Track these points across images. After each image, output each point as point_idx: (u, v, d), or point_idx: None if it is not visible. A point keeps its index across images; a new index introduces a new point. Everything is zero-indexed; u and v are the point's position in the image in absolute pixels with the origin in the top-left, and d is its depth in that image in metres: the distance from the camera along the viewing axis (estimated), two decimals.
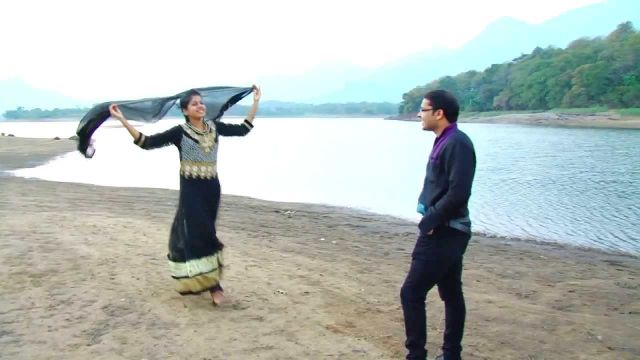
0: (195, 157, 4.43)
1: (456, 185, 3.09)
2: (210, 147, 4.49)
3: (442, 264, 3.32)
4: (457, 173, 3.10)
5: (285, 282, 5.45)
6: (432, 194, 3.25)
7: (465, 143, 3.18)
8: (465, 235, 3.30)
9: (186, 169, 4.43)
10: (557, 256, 7.87)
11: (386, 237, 9.11)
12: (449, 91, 3.49)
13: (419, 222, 3.33)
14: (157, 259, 6.14)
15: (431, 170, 3.32)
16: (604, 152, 29.25)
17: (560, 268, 6.95)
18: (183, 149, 4.43)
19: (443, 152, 3.19)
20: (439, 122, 3.32)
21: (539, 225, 10.79)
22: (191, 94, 4.47)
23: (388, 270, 6.38)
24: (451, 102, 3.35)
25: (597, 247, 8.87)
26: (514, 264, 7.18)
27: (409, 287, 3.36)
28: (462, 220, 3.24)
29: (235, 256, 6.58)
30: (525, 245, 8.79)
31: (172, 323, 4.10)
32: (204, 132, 4.50)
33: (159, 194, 14.33)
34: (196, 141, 4.43)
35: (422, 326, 3.38)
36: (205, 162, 4.46)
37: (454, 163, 3.11)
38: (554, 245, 8.87)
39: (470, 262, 7.06)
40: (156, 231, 8.12)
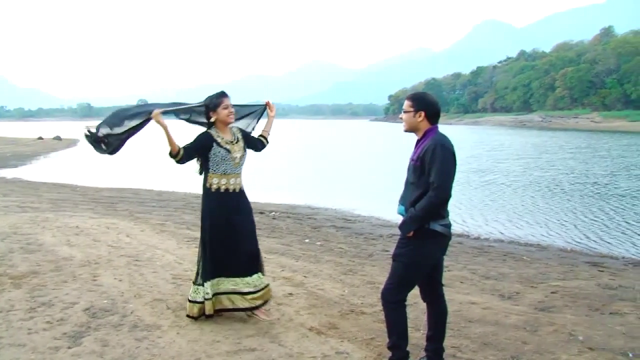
0: (225, 169, 4.07)
1: (437, 187, 3.10)
2: (240, 158, 4.16)
3: (422, 265, 3.33)
4: (438, 174, 3.11)
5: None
6: (413, 195, 3.26)
7: (446, 145, 3.19)
8: (446, 237, 3.31)
9: (214, 182, 4.06)
10: (539, 257, 7.94)
11: (370, 238, 9.12)
12: (430, 93, 3.51)
13: (399, 223, 3.33)
14: (140, 261, 6.09)
15: (412, 171, 3.32)
16: (585, 154, 29.66)
17: (542, 269, 7.01)
18: (212, 159, 4.05)
19: (423, 154, 3.20)
20: (420, 124, 3.34)
21: (522, 226, 10.90)
22: (222, 96, 4.09)
23: (372, 271, 6.39)
24: (432, 104, 3.36)
25: (579, 248, 8.98)
26: (497, 265, 7.23)
27: (390, 289, 3.36)
28: (442, 222, 3.25)
29: None
30: (508, 247, 8.86)
31: (155, 325, 4.06)
32: (233, 141, 4.15)
33: (143, 194, 14.22)
34: (228, 151, 4.07)
35: (403, 328, 3.38)
36: (233, 174, 4.11)
37: (435, 165, 3.12)
38: (536, 247, 8.95)
39: (454, 264, 7.10)
40: (139, 232, 8.06)
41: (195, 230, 8.80)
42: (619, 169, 22.04)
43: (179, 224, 9.44)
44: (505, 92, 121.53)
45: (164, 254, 6.57)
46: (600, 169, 21.82)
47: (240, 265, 4.15)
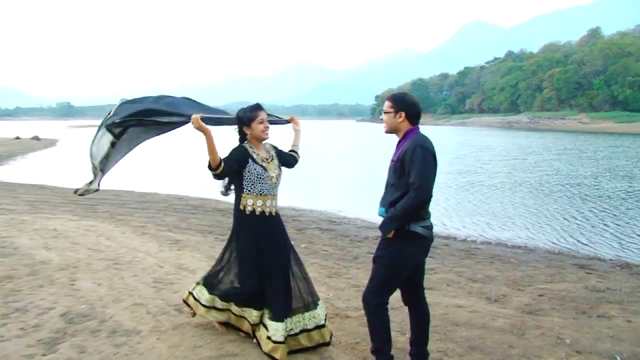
0: (262, 189, 3.72)
1: (417, 187, 3.11)
2: (277, 177, 3.84)
3: (403, 268, 3.33)
4: (418, 175, 3.12)
5: None
6: (393, 196, 3.27)
7: (426, 145, 3.21)
8: (426, 239, 3.32)
9: (248, 203, 3.70)
10: (527, 260, 7.99)
11: (356, 240, 9.11)
12: (410, 94, 3.53)
13: (379, 224, 3.34)
14: (120, 264, 6.02)
15: (392, 172, 3.34)
16: (571, 156, 30.00)
17: (530, 272, 7.04)
18: (247, 178, 3.70)
19: (403, 155, 3.22)
20: (400, 124, 3.36)
21: (508, 228, 10.97)
22: (257, 109, 3.76)
23: (357, 274, 6.37)
24: (413, 104, 3.38)
25: (567, 250, 9.05)
26: (484, 267, 7.26)
27: (371, 292, 3.35)
28: (423, 224, 3.27)
29: (201, 260, 6.51)
30: (495, 249, 8.90)
31: (134, 330, 4.00)
32: (268, 158, 3.84)
33: (125, 196, 14.08)
34: (264, 169, 3.74)
35: (386, 332, 3.37)
36: (270, 196, 3.76)
37: (414, 165, 3.14)
38: (524, 249, 9.00)
39: (441, 266, 7.11)
40: (120, 235, 7.97)
41: (177, 232, 8.75)
42: (604, 170, 22.30)
43: (161, 226, 9.35)
44: (492, 93, 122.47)
45: (145, 257, 6.50)
46: (586, 170, 22.08)
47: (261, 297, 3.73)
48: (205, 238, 8.40)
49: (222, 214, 11.40)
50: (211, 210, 11.97)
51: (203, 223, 10.00)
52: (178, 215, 10.97)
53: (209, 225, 9.75)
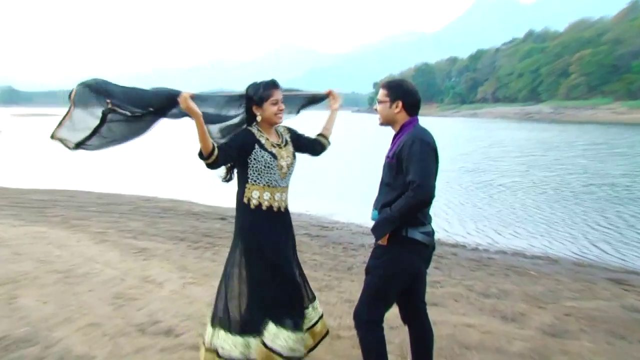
0: (269, 179, 3.63)
1: (418, 186, 3.08)
2: (289, 166, 3.75)
3: (399, 279, 3.31)
4: (418, 172, 3.09)
5: None
6: (387, 197, 3.26)
7: (425, 139, 3.20)
8: (426, 246, 3.32)
9: (254, 195, 3.61)
10: (549, 272, 7.94)
11: (350, 248, 9.06)
12: (408, 81, 3.53)
13: (371, 226, 3.33)
14: (73, 277, 5.94)
15: (387, 170, 3.34)
16: (599, 152, 30.05)
17: (553, 286, 7.00)
18: (253, 166, 3.60)
19: (400, 150, 3.22)
20: (397, 115, 3.37)
21: (526, 235, 10.92)
22: (272, 87, 3.65)
23: (351, 287, 6.32)
24: (411, 92, 3.39)
25: (597, 262, 8.94)
26: (498, 280, 7.22)
27: (363, 307, 3.34)
28: (422, 229, 3.26)
29: (171, 272, 6.47)
30: (511, 259, 8.87)
31: (87, 356, 3.93)
32: (280, 144, 3.76)
33: (81, 197, 13.97)
34: (273, 156, 3.65)
35: (381, 354, 3.34)
36: (279, 188, 3.68)
37: (413, 161, 3.12)
38: (545, 260, 8.96)
39: (447, 279, 7.08)
40: (74, 243, 7.89)
41: (144, 239, 8.67)
42: (639, 168, 22.33)
43: (124, 232, 9.27)
44: (509, 80, 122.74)
45: (104, 269, 6.43)
46: (618, 169, 22.07)
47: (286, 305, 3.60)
48: (177, 246, 8.35)
49: (196, 218, 11.33)
50: (184, 214, 11.91)
51: (174, 228, 9.94)
52: (145, 219, 10.89)
53: (181, 231, 9.68)
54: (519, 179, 19.18)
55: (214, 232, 9.80)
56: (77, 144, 3.39)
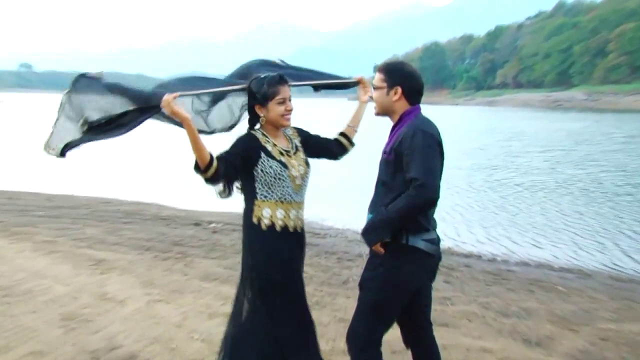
0: (282, 194, 3.54)
1: (421, 185, 3.07)
2: (303, 176, 3.65)
3: (399, 294, 3.31)
4: (420, 169, 3.09)
5: (203, 323, 5.39)
6: (385, 199, 3.27)
7: (428, 131, 3.21)
8: (431, 256, 3.31)
9: (264, 214, 3.53)
10: (581, 288, 7.95)
11: (346, 259, 9.06)
12: (409, 64, 3.56)
13: (362, 229, 3.32)
14: (13, 296, 5.93)
15: (384, 168, 3.35)
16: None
17: (586, 305, 7.00)
18: (261, 179, 3.52)
19: (399, 144, 3.22)
20: (395, 104, 3.38)
21: (552, 244, 10.97)
22: (279, 83, 3.55)
23: (346, 304, 6.32)
24: (412, 77, 3.40)
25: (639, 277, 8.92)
26: (520, 297, 7.23)
27: (358, 327, 3.36)
28: (425, 236, 3.26)
29: (134, 287, 6.48)
30: (535, 272, 8.89)
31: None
32: (290, 151, 3.67)
33: (26, 199, 13.91)
34: (283, 165, 3.55)
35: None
36: (294, 203, 3.60)
37: (414, 157, 3.12)
38: (576, 273, 8.97)
39: (460, 295, 7.10)
40: (16, 254, 7.88)
41: (102, 249, 8.64)
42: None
43: (78, 240, 9.23)
44: (534, 61, 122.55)
45: (52, 285, 6.41)
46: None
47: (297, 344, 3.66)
48: (142, 256, 8.34)
49: (166, 224, 11.32)
50: (151, 219, 11.89)
51: (139, 236, 9.92)
52: (104, 225, 10.85)
53: (147, 239, 9.66)
54: (542, 178, 19.28)
55: (186, 241, 9.78)
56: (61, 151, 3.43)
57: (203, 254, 8.73)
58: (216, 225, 11.44)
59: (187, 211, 13.15)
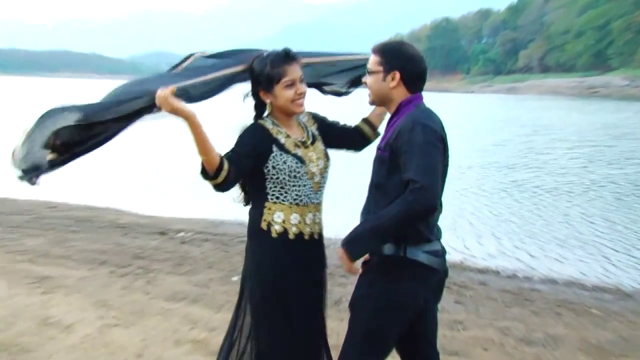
0: (298, 194, 3.48)
1: (420, 187, 3.02)
2: (322, 173, 3.60)
3: (398, 316, 3.30)
4: (420, 169, 3.05)
5: (168, 352, 5.40)
6: (379, 204, 3.25)
7: (429, 124, 3.18)
8: (434, 271, 3.31)
9: (276, 218, 3.48)
10: (619, 311, 7.96)
11: (338, 275, 8.99)
12: (410, 44, 3.52)
13: (344, 238, 3.26)
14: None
15: (378, 167, 3.36)
16: None
17: (626, 332, 7.00)
18: (272, 177, 3.45)
19: (395, 139, 3.21)
20: (393, 91, 3.36)
21: (583, 258, 10.98)
22: (286, 62, 3.44)
23: (339, 328, 6.24)
24: (413, 60, 3.39)
25: None
26: (545, 322, 7.24)
27: (349, 356, 3.34)
28: (427, 248, 3.26)
29: (84, 310, 6.44)
30: (564, 292, 8.90)
31: None
32: (306, 141, 3.60)
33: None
34: (300, 160, 3.48)
35: None
36: (311, 205, 3.55)
37: (413, 154, 3.09)
38: (614, 293, 8.98)
39: (474, 318, 7.11)
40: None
41: (46, 263, 8.62)
42: None
43: (17, 253, 9.21)
44: (564, 40, 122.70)
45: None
46: None
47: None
48: (94, 272, 8.33)
49: (124, 233, 11.30)
50: (106, 227, 11.87)
51: (91, 247, 9.89)
52: (49, 234, 10.83)
53: (101, 251, 9.64)
54: (573, 178, 19.33)
55: (148, 253, 9.77)
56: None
57: (169, 269, 8.72)
58: (185, 234, 11.44)
59: (151, 218, 13.16)
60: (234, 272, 8.84)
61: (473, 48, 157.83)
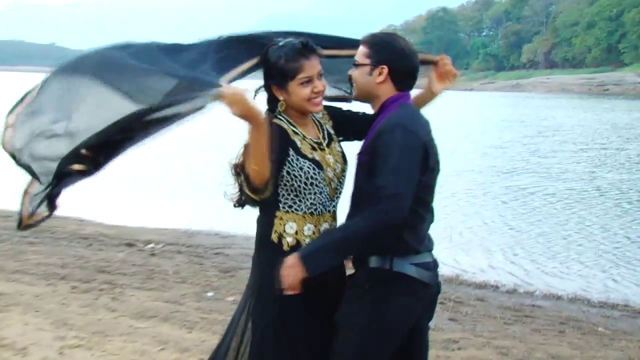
0: (313, 202, 3.37)
1: (389, 195, 3.01)
2: (339, 177, 3.48)
3: (390, 334, 3.29)
4: (392, 174, 3.04)
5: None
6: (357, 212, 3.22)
7: (411, 128, 3.16)
8: (426, 286, 3.30)
9: (288, 229, 3.37)
10: (629, 330, 8.03)
11: None
12: (403, 38, 3.49)
13: (301, 250, 3.22)
14: None
15: (358, 172, 3.33)
16: None
17: (635, 352, 7.07)
18: (286, 184, 3.34)
19: (373, 140, 3.21)
20: (379, 87, 3.35)
21: (589, 273, 11.06)
22: (301, 55, 3.28)
23: None
24: (403, 55, 3.37)
25: None
26: (548, 341, 7.29)
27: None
28: (416, 260, 3.25)
29: (42, 329, 6.40)
30: (568, 308, 8.97)
31: None
32: (321, 142, 3.48)
33: None
34: (317, 165, 3.36)
35: None
36: (327, 214, 3.44)
37: (386, 158, 3.07)
38: (622, 310, 9.06)
39: (470, 337, 7.13)
40: None
41: None
42: None
43: None
44: (572, 33, 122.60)
45: None
46: None
47: None
48: (54, 288, 8.29)
49: (87, 244, 11.30)
50: (67, 237, 11.84)
51: (50, 261, 9.85)
52: (2, 247, 10.72)
53: (61, 265, 9.60)
54: (578, 185, 19.43)
55: (114, 266, 9.74)
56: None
57: (137, 284, 8.71)
58: (155, 246, 11.43)
59: (117, 228, 13.13)
60: (209, 288, 8.85)
61: (472, 41, 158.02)
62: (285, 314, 3.32)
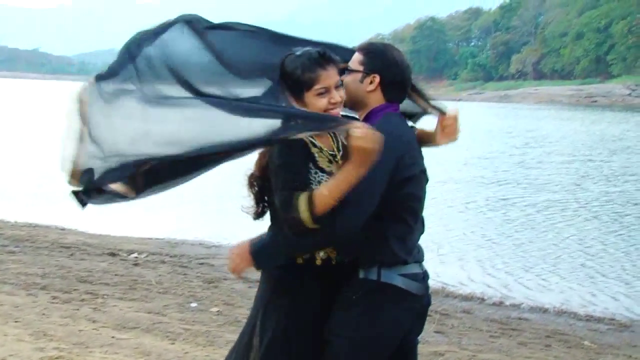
0: None
1: (345, 203, 3.00)
2: None
3: (382, 346, 3.29)
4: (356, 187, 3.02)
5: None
6: None
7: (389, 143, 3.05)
8: (415, 297, 3.31)
9: None
10: (615, 343, 8.05)
11: None
12: (398, 50, 3.50)
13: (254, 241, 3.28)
14: None
15: None
16: None
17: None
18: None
19: None
20: (369, 95, 3.37)
21: (574, 285, 11.09)
22: (319, 65, 3.24)
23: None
24: (396, 65, 3.39)
25: None
26: (534, 354, 7.31)
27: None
28: (403, 271, 3.26)
29: (21, 340, 6.34)
30: (554, 321, 8.99)
31: None
32: (336, 154, 3.42)
33: None
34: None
35: None
36: None
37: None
38: (608, 323, 9.07)
39: (455, 350, 7.15)
40: None
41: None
42: None
43: None
44: (561, 43, 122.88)
45: None
46: None
47: None
48: (34, 298, 8.24)
49: (69, 254, 11.24)
50: (48, 247, 11.77)
51: (30, 270, 9.79)
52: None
53: (42, 275, 9.55)
54: (563, 196, 19.51)
55: (96, 276, 9.71)
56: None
57: (119, 294, 8.68)
58: (138, 255, 11.40)
59: (99, 237, 13.08)
60: (193, 298, 8.84)
61: (461, 51, 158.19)
62: (293, 329, 3.31)
